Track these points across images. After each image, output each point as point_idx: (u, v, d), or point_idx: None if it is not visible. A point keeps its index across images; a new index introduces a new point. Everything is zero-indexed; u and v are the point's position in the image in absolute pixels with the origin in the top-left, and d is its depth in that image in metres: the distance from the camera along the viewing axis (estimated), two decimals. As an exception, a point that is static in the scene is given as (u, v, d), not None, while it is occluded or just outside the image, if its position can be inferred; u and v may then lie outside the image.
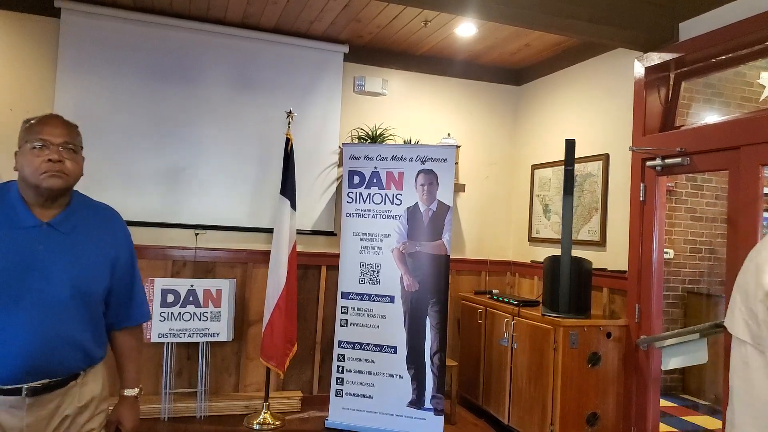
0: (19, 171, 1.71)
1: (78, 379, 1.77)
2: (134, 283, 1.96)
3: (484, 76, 5.33)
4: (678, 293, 5.89)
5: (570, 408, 3.70)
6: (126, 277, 1.92)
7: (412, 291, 4.19)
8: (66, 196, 1.79)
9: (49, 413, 1.71)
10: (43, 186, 1.68)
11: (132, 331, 1.99)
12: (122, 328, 1.96)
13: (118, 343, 1.97)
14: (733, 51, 3.47)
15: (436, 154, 4.25)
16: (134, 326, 1.99)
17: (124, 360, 1.98)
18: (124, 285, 1.92)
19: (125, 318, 1.95)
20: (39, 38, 4.20)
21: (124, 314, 1.94)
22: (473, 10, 3.46)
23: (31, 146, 1.69)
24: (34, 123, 1.74)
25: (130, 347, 1.98)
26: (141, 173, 4.36)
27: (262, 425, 4.17)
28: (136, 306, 1.97)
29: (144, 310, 2.00)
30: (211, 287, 4.29)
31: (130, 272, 1.94)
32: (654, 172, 3.81)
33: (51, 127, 1.73)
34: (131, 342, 1.99)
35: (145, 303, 2.01)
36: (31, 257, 1.68)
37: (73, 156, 1.75)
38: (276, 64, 4.69)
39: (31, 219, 1.71)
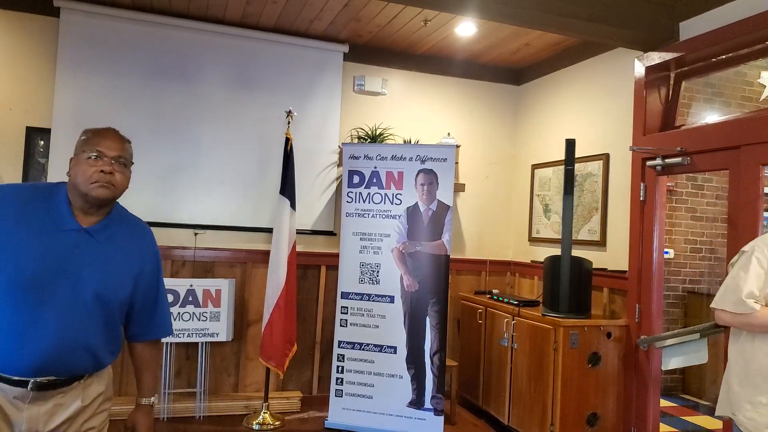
0: (72, 177, 1.80)
1: (82, 380, 1.81)
2: (158, 298, 2.02)
3: (484, 75, 5.32)
4: (678, 293, 5.88)
5: (570, 408, 3.70)
6: (150, 292, 1.98)
7: (412, 291, 4.18)
8: (109, 206, 1.89)
9: (50, 409, 1.75)
10: (91, 194, 1.78)
11: (153, 344, 2.06)
12: (143, 341, 2.03)
13: (138, 354, 2.04)
14: (734, 50, 3.47)
15: (436, 154, 4.25)
16: (155, 339, 2.05)
17: (142, 370, 2.04)
18: (149, 299, 1.98)
19: (147, 331, 2.01)
20: (38, 38, 4.19)
21: (147, 327, 2.01)
22: (473, 10, 3.45)
23: (87, 156, 1.79)
24: (92, 135, 1.86)
25: (150, 359, 2.05)
26: (140, 173, 4.31)
27: (261, 425, 4.17)
28: (159, 320, 2.03)
29: (166, 325, 2.06)
30: (210, 287, 4.28)
31: (155, 288, 2.00)
32: (654, 172, 3.80)
33: (108, 140, 1.85)
34: (151, 354, 2.06)
35: (168, 318, 2.07)
36: (66, 259, 1.75)
37: (123, 169, 1.88)
38: (275, 63, 4.68)
39: (72, 223, 1.79)
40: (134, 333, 1.99)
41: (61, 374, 1.75)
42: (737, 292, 2.20)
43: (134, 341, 2.02)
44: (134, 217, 2.02)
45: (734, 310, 2.22)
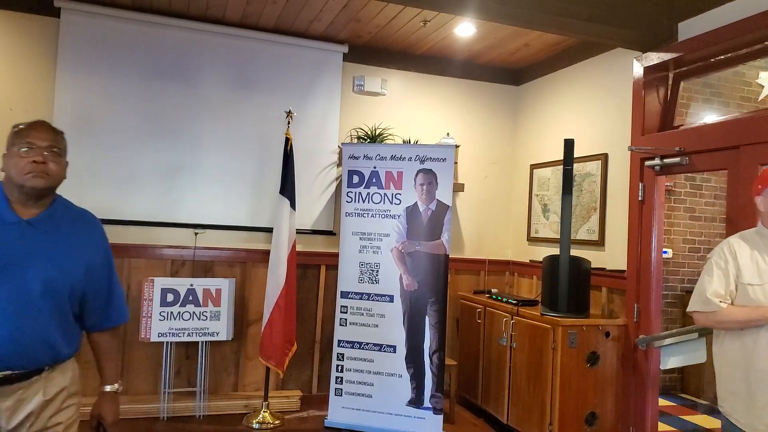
0: (6, 171, 1.81)
1: (42, 373, 1.81)
2: (111, 286, 2.03)
3: (483, 75, 5.33)
4: (677, 293, 5.89)
5: (569, 407, 3.71)
6: (103, 281, 1.99)
7: (412, 290, 4.19)
8: (48, 197, 1.88)
9: (12, 405, 1.75)
10: (27, 185, 1.78)
11: (111, 331, 2.07)
12: (101, 330, 2.04)
13: (97, 343, 2.05)
14: (732, 50, 3.48)
15: (436, 154, 4.26)
16: (113, 327, 2.07)
17: (103, 359, 2.06)
18: (102, 288, 1.99)
19: (104, 320, 2.02)
20: (39, 38, 4.20)
21: (103, 316, 2.01)
22: (472, 10, 3.46)
23: (18, 149, 1.80)
24: (22, 128, 1.85)
25: (109, 347, 2.07)
26: (140, 172, 4.36)
27: (261, 424, 4.18)
28: (114, 308, 2.04)
29: (121, 312, 2.08)
30: (210, 287, 4.29)
31: (107, 276, 2.01)
32: (653, 172, 3.81)
33: (38, 131, 1.85)
34: (110, 342, 2.07)
35: (122, 305, 2.09)
36: (9, 252, 1.75)
37: (57, 159, 1.86)
38: (275, 63, 4.69)
39: (12, 216, 1.80)
40: (91, 323, 2.00)
41: (17, 368, 1.74)
42: (703, 293, 2.42)
43: (92, 331, 2.02)
44: (81, 209, 2.02)
45: (702, 309, 2.42)
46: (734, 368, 2.39)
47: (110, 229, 4.26)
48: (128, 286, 4.34)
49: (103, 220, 4.34)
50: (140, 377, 4.35)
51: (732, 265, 2.37)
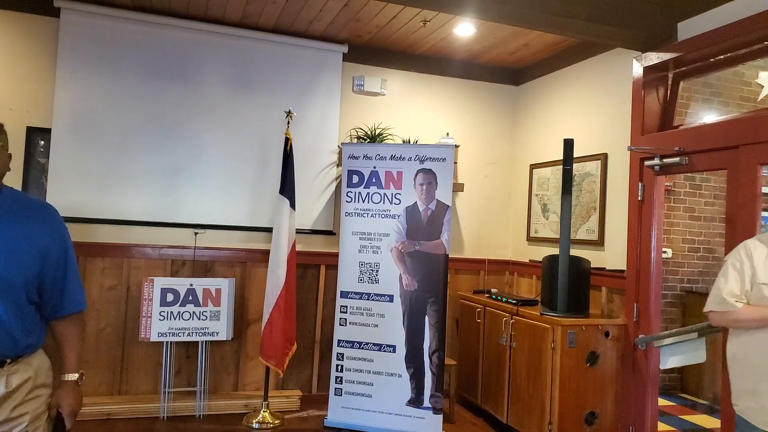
0: None
1: (5, 366, 1.83)
2: (67, 273, 2.02)
3: (482, 75, 5.34)
4: (676, 292, 5.89)
5: (568, 407, 3.71)
6: (59, 269, 1.98)
7: (411, 290, 4.20)
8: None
9: None
10: None
11: (70, 319, 2.06)
12: (60, 317, 2.03)
13: (57, 331, 2.04)
14: (732, 50, 3.48)
15: (435, 154, 4.26)
16: (71, 314, 2.06)
17: (63, 347, 2.05)
18: (58, 276, 1.98)
19: (60, 307, 2.02)
20: (38, 38, 4.20)
21: (59, 304, 2.01)
22: (472, 10, 3.47)
23: None
24: None
25: (69, 334, 2.05)
26: (140, 172, 4.36)
27: (261, 424, 4.18)
28: (70, 295, 2.03)
29: (78, 299, 2.06)
30: (210, 286, 4.30)
31: (63, 264, 2.00)
32: (652, 172, 3.82)
33: None
34: (70, 330, 2.05)
35: (79, 292, 2.07)
36: None
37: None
38: (275, 63, 4.69)
39: None
40: (49, 311, 2.00)
41: None
42: (718, 294, 2.52)
43: (51, 319, 2.02)
44: (33, 199, 2.03)
45: (718, 309, 2.51)
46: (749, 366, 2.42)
47: (110, 228, 4.30)
48: (128, 286, 4.34)
49: (103, 220, 4.38)
50: (140, 377, 4.36)
51: (747, 266, 2.45)
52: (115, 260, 4.32)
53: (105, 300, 4.30)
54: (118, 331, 4.32)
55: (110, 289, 4.31)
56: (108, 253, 4.30)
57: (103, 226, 4.27)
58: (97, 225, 4.27)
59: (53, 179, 4.15)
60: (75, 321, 2.07)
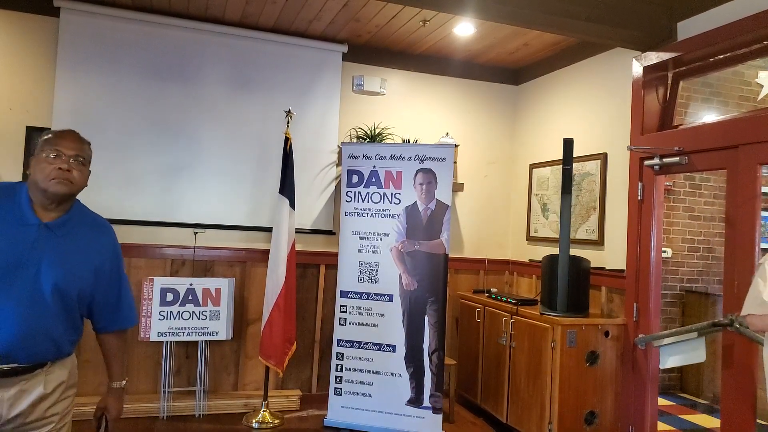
0: (32, 175, 1.91)
1: (45, 367, 1.89)
2: (121, 291, 2.12)
3: (482, 75, 5.34)
4: (676, 292, 5.90)
5: (568, 407, 3.71)
6: (112, 286, 2.08)
7: (411, 290, 4.20)
8: (68, 202, 1.97)
9: (14, 395, 1.83)
10: (50, 190, 1.88)
11: (118, 334, 2.17)
12: (110, 332, 2.14)
13: (105, 343, 2.15)
14: (731, 50, 3.48)
15: (435, 153, 4.26)
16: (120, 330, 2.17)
17: (111, 358, 2.17)
18: (111, 293, 2.08)
19: (113, 322, 2.13)
20: (38, 37, 4.20)
21: (112, 319, 2.12)
22: (471, 10, 3.47)
23: (46, 155, 1.89)
24: (51, 136, 1.95)
25: (117, 348, 2.18)
26: (140, 172, 4.36)
27: (261, 424, 4.18)
28: (122, 312, 2.14)
29: (131, 316, 2.18)
30: (210, 286, 4.30)
31: (117, 281, 2.10)
32: (652, 171, 3.82)
33: (67, 140, 1.94)
34: (118, 343, 2.18)
35: (132, 309, 2.18)
36: (27, 252, 1.84)
37: (81, 168, 1.96)
38: (275, 63, 4.69)
39: (33, 218, 1.89)
40: (101, 325, 2.10)
41: (23, 361, 1.82)
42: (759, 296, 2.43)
43: (101, 332, 2.12)
44: (95, 215, 2.12)
45: (759, 312, 2.43)
46: None
47: (110, 228, 4.29)
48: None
49: (103, 220, 4.33)
50: (140, 376, 4.36)
51: None
52: (114, 260, 4.31)
53: (105, 300, 4.29)
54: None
55: (110, 289, 4.31)
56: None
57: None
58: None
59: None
60: (122, 334, 2.19)
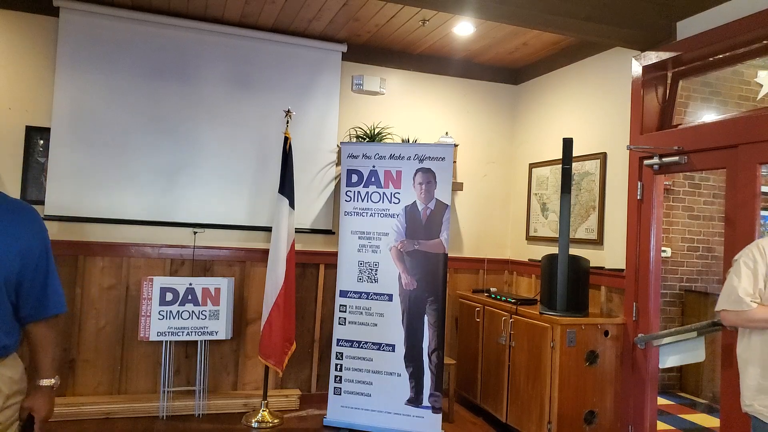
0: None
1: None
2: (48, 276, 1.99)
3: (482, 74, 5.34)
4: (675, 292, 5.90)
5: (567, 406, 3.71)
6: (39, 270, 1.95)
7: (410, 289, 4.20)
8: None
9: None
10: None
11: (47, 323, 2.02)
12: (37, 320, 1.99)
13: (33, 334, 2.00)
14: (731, 50, 3.48)
15: (434, 153, 4.26)
16: (49, 318, 2.02)
17: (39, 351, 2.00)
18: (37, 277, 1.95)
19: (40, 310, 1.98)
20: (38, 37, 4.20)
21: (39, 306, 1.97)
22: (471, 9, 3.47)
23: None
24: None
25: (46, 339, 2.01)
26: (139, 171, 4.36)
27: (260, 423, 4.18)
28: (51, 298, 1.99)
29: (60, 301, 2.03)
30: (209, 286, 4.30)
31: (44, 265, 1.97)
32: (651, 171, 3.82)
33: None
34: (47, 334, 2.02)
35: (60, 295, 2.03)
36: None
37: None
38: (274, 63, 4.69)
39: None
40: (27, 313, 1.96)
41: None
42: (733, 293, 2.47)
43: (29, 322, 1.97)
44: (15, 200, 1.99)
45: (732, 308, 2.47)
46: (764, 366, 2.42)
47: (109, 228, 4.30)
48: (127, 286, 4.34)
49: (102, 219, 4.38)
50: (139, 376, 4.36)
51: (761, 265, 2.43)
52: (114, 259, 4.32)
53: (104, 299, 4.30)
54: (117, 330, 4.32)
55: (109, 289, 4.31)
56: (107, 253, 4.30)
57: (102, 225, 4.27)
58: (96, 224, 4.27)
59: (52, 178, 4.15)
60: (52, 325, 2.03)
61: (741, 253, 2.54)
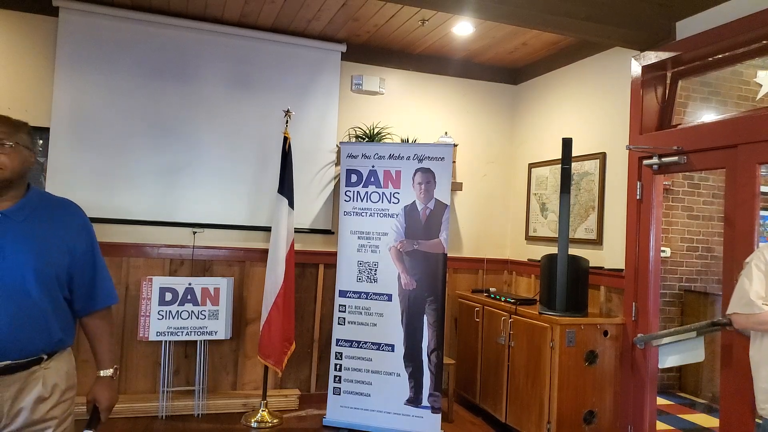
0: None
1: (41, 363, 1.86)
2: (96, 269, 2.06)
3: (481, 74, 5.34)
4: (675, 292, 5.90)
5: (567, 406, 3.71)
6: (87, 265, 2.02)
7: (410, 289, 4.20)
8: (15, 189, 1.90)
9: (12, 396, 1.80)
10: None
11: (100, 314, 2.08)
12: (90, 313, 2.05)
13: (88, 327, 2.07)
14: (730, 49, 3.48)
15: (434, 153, 4.26)
16: (102, 310, 2.08)
17: (96, 343, 2.08)
18: (87, 272, 2.02)
19: (91, 303, 2.04)
20: (37, 37, 4.20)
21: (90, 299, 2.03)
22: (470, 9, 3.47)
23: None
24: None
25: (101, 330, 2.08)
26: (138, 171, 4.36)
27: (259, 423, 4.18)
28: (101, 290, 2.06)
29: (110, 293, 2.10)
30: (209, 286, 4.30)
31: (91, 259, 2.04)
32: (651, 171, 3.82)
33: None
34: (101, 325, 2.08)
35: (110, 287, 2.10)
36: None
37: (9, 151, 1.87)
38: (274, 62, 4.69)
39: None
40: (81, 307, 2.02)
41: (16, 357, 1.79)
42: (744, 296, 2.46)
43: (82, 315, 2.04)
44: (58, 198, 2.05)
45: (744, 311, 2.46)
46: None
47: (108, 228, 4.29)
48: (127, 285, 4.34)
49: (102, 219, 4.37)
50: (139, 376, 4.35)
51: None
52: (113, 259, 4.31)
53: (103, 299, 4.29)
54: (116, 330, 4.31)
55: (109, 289, 4.30)
56: (106, 252, 4.25)
57: (102, 225, 4.27)
58: (96, 224, 4.19)
59: (52, 178, 4.15)
60: (105, 316, 2.10)
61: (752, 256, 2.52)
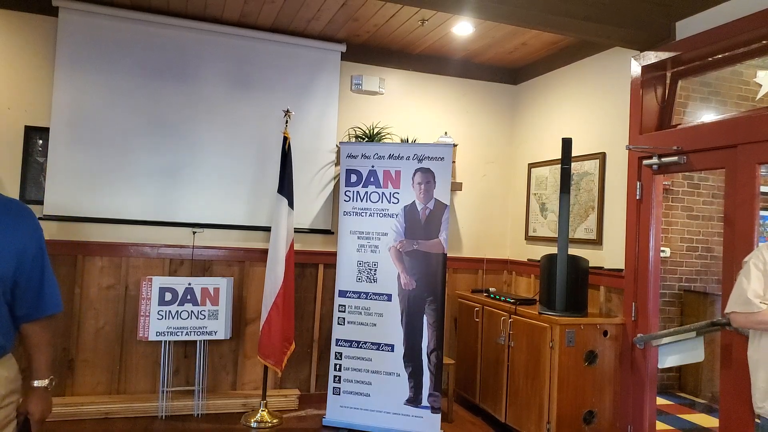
0: None
1: None
2: (44, 276, 1.97)
3: (481, 74, 5.34)
4: (675, 292, 5.90)
5: (567, 406, 3.71)
6: (35, 270, 1.94)
7: (409, 289, 4.20)
8: None
9: None
10: None
11: (43, 323, 2.00)
12: (33, 320, 1.97)
13: (29, 335, 1.98)
14: (730, 50, 3.48)
15: (434, 153, 4.26)
16: (45, 318, 2.00)
17: (34, 351, 1.99)
18: (33, 277, 1.94)
19: (35, 310, 1.96)
20: (37, 37, 4.20)
21: (35, 307, 1.96)
22: (470, 9, 3.47)
23: None
24: None
25: (42, 339, 2.00)
26: (138, 171, 4.36)
27: (259, 423, 4.18)
28: (47, 298, 1.98)
29: (56, 301, 2.01)
30: (208, 286, 4.30)
31: (40, 265, 1.96)
32: (651, 171, 3.82)
33: None
34: (42, 334, 2.00)
35: (56, 295, 2.02)
36: None
37: None
38: (273, 62, 4.69)
39: None
40: (23, 314, 1.94)
41: None
42: (743, 295, 2.47)
43: (24, 322, 1.96)
44: (9, 199, 1.96)
45: (743, 309, 2.47)
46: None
47: (108, 228, 4.30)
48: (126, 285, 4.34)
49: (101, 219, 4.37)
50: (138, 376, 4.35)
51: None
52: (113, 259, 4.31)
53: (103, 299, 4.29)
54: (116, 330, 4.31)
55: (108, 289, 4.31)
56: (106, 252, 4.29)
57: (102, 225, 4.27)
58: (96, 224, 4.26)
59: (51, 178, 4.15)
60: (47, 325, 2.01)
61: (751, 255, 2.53)
